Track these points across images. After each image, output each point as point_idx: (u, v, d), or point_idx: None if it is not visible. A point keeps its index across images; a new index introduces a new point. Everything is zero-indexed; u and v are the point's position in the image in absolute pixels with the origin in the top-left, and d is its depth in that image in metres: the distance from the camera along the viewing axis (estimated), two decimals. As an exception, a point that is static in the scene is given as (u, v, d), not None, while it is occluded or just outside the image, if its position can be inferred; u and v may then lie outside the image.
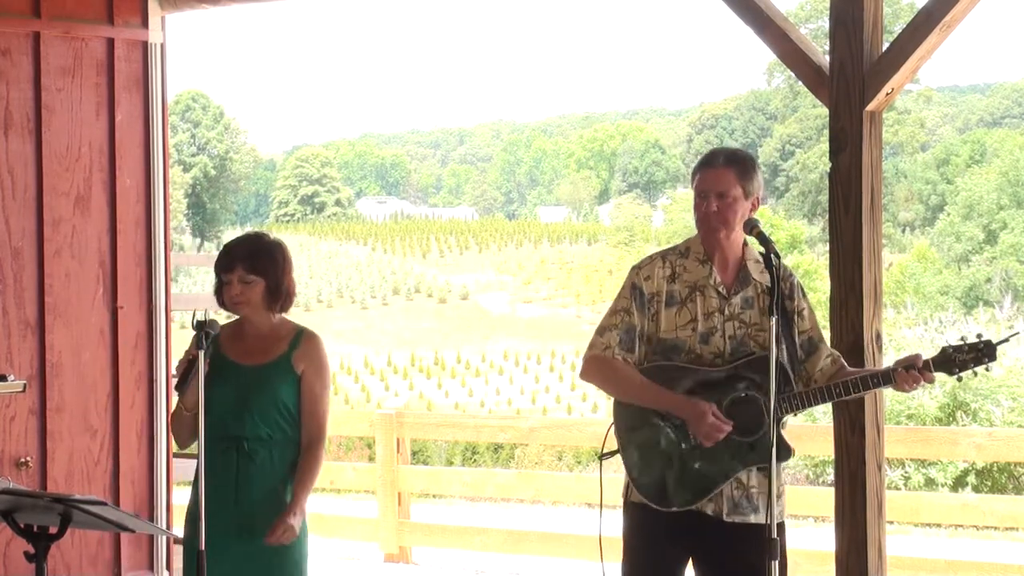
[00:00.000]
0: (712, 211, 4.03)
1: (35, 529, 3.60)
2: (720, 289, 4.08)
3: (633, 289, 4.10)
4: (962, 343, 4.01)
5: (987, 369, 4.00)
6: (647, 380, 4.02)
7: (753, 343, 4.05)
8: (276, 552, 4.24)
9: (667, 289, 4.08)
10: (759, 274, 4.10)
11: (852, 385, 4.03)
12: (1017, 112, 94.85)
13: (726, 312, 4.07)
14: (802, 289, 4.19)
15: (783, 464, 4.07)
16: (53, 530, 3.57)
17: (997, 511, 8.15)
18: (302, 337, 4.41)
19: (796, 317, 4.13)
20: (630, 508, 4.14)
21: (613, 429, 4.11)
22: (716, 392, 4.00)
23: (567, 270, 68.27)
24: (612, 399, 4.16)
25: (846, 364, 4.22)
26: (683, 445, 4.01)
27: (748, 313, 4.08)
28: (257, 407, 4.29)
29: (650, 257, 4.18)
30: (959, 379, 4.11)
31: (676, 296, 4.08)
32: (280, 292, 4.38)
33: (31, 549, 3.60)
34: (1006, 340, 4.11)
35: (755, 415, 3.95)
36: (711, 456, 3.99)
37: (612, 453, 4.15)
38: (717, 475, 4.00)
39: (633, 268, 4.17)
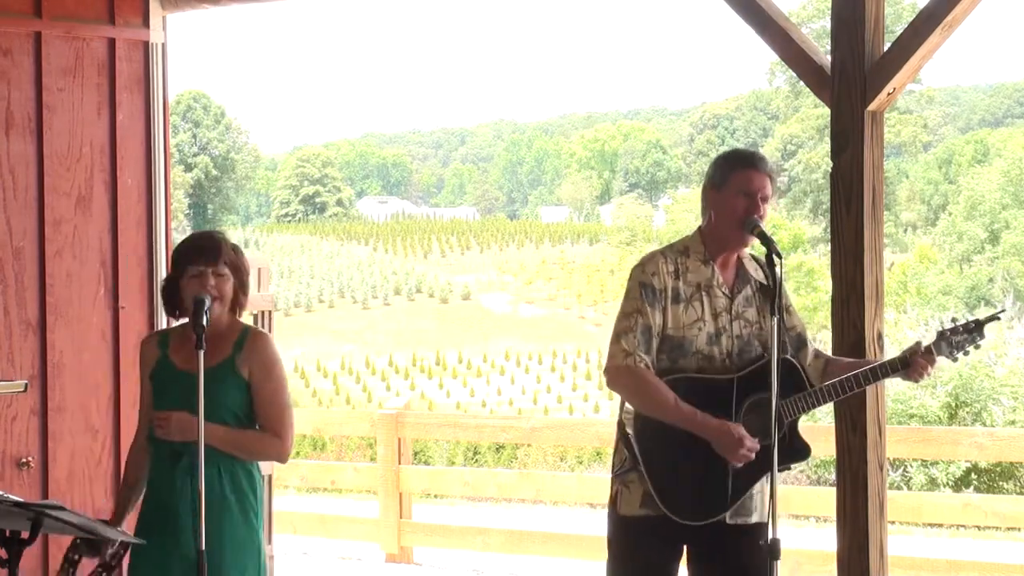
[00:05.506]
0: (760, 215, 4.04)
1: (7, 534, 3.52)
2: (724, 289, 4.10)
3: (642, 287, 4.04)
4: (955, 324, 4.20)
5: (976, 347, 4.25)
6: (677, 399, 3.95)
7: (756, 341, 4.09)
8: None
9: (672, 285, 4.06)
10: (754, 271, 4.17)
11: (863, 377, 4.09)
12: (1019, 111, 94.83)
13: (732, 312, 4.09)
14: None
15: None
16: (25, 535, 3.50)
17: (999, 511, 8.14)
18: (247, 337, 4.05)
19: (785, 314, 4.17)
20: (624, 520, 4.09)
21: (634, 440, 4.02)
22: (733, 404, 4.00)
23: (569, 270, 68.21)
24: (633, 411, 4.06)
25: (828, 354, 4.35)
26: (710, 458, 3.96)
27: (750, 311, 4.12)
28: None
29: (650, 254, 4.15)
30: (955, 360, 4.27)
31: (682, 294, 4.06)
32: (245, 292, 4.11)
33: (3, 554, 3.52)
34: (992, 318, 4.30)
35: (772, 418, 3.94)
36: (737, 467, 3.98)
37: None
38: (742, 485, 4.02)
39: (636, 268, 4.12)
